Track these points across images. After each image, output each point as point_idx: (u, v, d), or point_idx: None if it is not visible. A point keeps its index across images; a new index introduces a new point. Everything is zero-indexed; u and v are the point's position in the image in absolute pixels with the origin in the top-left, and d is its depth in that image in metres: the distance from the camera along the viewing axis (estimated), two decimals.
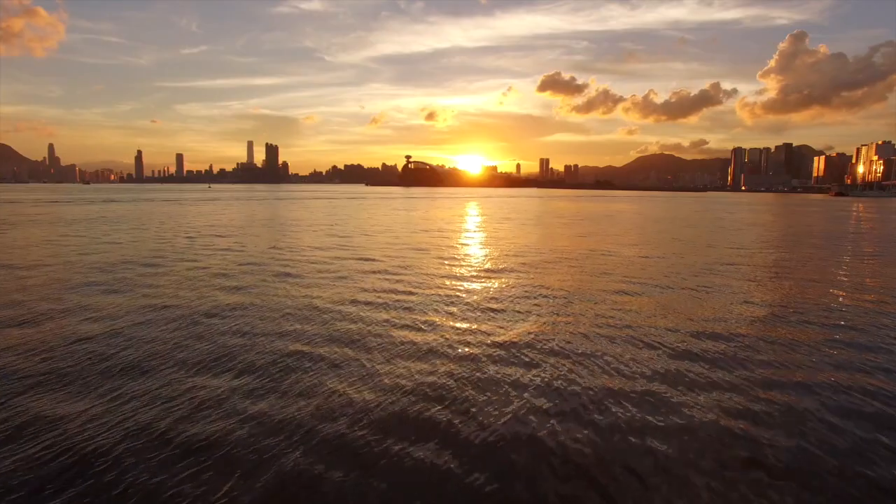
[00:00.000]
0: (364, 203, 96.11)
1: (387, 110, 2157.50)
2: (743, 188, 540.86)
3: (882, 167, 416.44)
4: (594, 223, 50.90)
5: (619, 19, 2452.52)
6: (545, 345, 11.42)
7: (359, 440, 7.15)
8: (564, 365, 10.15)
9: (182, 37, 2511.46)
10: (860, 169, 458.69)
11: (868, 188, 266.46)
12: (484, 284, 18.47)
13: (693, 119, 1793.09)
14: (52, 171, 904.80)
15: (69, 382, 9.00)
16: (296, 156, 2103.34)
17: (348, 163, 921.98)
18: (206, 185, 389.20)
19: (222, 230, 38.41)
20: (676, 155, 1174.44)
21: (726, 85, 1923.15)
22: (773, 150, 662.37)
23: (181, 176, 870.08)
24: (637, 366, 10.13)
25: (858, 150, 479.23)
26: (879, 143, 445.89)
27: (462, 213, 67.15)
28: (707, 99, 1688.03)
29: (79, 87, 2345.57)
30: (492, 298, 16.11)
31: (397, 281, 18.72)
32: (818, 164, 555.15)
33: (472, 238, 35.82)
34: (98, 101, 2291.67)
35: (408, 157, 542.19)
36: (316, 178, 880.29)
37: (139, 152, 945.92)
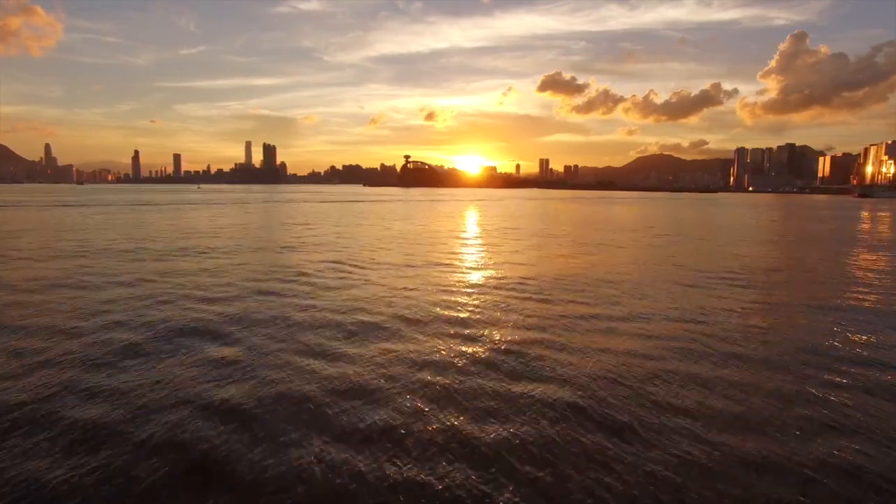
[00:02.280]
0: (358, 208, 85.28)
1: (385, 110, 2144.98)
2: (749, 189, 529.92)
3: (893, 167, 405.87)
4: (669, 245, 39.71)
5: (619, 19, 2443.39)
6: None
7: None
8: None
9: (181, 37, 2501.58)
10: (868, 169, 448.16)
11: (893, 188, 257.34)
12: None
13: (693, 119, 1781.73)
14: (49, 171, 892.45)
15: None
16: (295, 156, 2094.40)
17: (347, 163, 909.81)
18: (196, 186, 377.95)
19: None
20: (676, 155, 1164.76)
21: (726, 85, 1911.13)
22: (775, 150, 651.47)
23: (178, 176, 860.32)
24: None
25: (867, 150, 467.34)
26: (889, 142, 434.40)
27: (474, 227, 56.48)
28: (707, 99, 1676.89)
29: (78, 87, 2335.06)
30: None
31: None
32: (823, 165, 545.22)
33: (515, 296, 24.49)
34: (97, 101, 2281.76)
35: (407, 157, 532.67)
36: (314, 178, 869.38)
37: (136, 152, 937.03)
